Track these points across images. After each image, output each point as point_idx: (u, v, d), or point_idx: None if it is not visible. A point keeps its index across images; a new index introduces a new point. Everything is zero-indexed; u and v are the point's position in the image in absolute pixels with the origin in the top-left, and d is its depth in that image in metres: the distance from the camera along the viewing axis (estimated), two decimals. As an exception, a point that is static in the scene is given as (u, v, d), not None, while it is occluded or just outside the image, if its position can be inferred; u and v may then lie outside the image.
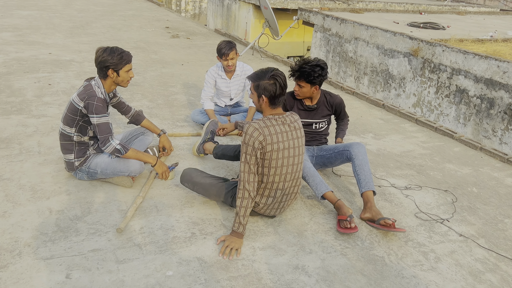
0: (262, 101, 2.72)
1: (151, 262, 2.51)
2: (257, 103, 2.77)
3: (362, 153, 3.27)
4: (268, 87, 2.67)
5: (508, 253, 2.90)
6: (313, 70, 3.26)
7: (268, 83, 2.67)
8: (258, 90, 2.70)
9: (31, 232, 2.69)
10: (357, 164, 3.23)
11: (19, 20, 9.72)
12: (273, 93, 2.68)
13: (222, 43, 4.21)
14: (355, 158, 3.25)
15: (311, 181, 3.15)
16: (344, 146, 3.39)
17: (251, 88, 2.77)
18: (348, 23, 8.16)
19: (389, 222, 2.88)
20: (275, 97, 2.69)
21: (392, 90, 7.37)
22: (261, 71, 2.74)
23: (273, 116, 2.73)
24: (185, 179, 3.08)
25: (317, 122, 3.56)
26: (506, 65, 5.52)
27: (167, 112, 4.93)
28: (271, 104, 2.72)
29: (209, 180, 3.04)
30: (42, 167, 3.47)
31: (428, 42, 6.61)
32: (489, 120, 5.81)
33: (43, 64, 6.44)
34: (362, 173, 3.18)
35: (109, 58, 3.01)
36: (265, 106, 2.74)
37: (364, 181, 3.15)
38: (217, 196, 3.02)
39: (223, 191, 2.99)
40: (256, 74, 2.74)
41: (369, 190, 3.11)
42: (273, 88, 2.67)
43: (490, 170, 4.14)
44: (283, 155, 2.71)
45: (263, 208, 2.89)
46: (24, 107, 4.70)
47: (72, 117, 3.07)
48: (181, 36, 9.52)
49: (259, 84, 2.69)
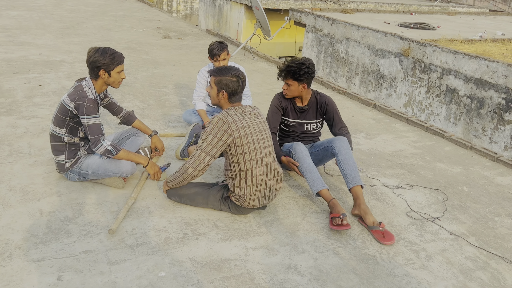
0: (221, 96, 2.86)
1: (144, 263, 2.50)
2: (215, 97, 2.90)
3: (345, 147, 3.26)
4: (230, 83, 2.83)
5: (498, 251, 2.93)
6: (299, 68, 3.30)
7: (230, 80, 2.83)
8: (220, 85, 2.84)
9: (21, 234, 2.67)
10: (341, 160, 3.23)
11: (9, 21, 9.63)
12: (234, 90, 2.84)
13: (213, 44, 4.21)
14: (339, 153, 3.25)
15: (308, 176, 3.16)
16: (327, 141, 3.38)
17: (211, 82, 2.88)
18: (339, 24, 8.20)
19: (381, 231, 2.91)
20: (234, 94, 2.86)
21: (383, 90, 7.41)
22: (224, 67, 2.90)
23: (233, 107, 2.86)
24: (171, 193, 3.11)
25: (309, 123, 3.57)
26: (496, 65, 5.57)
27: (159, 112, 4.91)
28: (229, 99, 2.87)
29: (194, 189, 3.05)
30: (32, 168, 3.44)
31: (418, 42, 6.65)
32: (479, 119, 5.86)
33: (33, 65, 6.39)
34: (348, 168, 3.19)
35: (101, 59, 2.99)
36: (224, 101, 2.88)
37: (351, 176, 3.15)
38: (204, 203, 3.04)
39: (210, 197, 3.01)
40: (219, 70, 2.88)
41: (356, 185, 3.12)
42: (235, 85, 2.84)
43: (480, 169, 4.18)
44: (253, 139, 2.81)
45: (251, 200, 2.90)
46: (14, 108, 4.66)
47: (63, 118, 3.04)
48: (173, 36, 9.49)
49: (221, 79, 2.83)
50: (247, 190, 2.87)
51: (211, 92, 2.90)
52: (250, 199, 2.91)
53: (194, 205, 3.07)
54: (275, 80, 6.66)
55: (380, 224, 2.96)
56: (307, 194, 3.41)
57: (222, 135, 2.72)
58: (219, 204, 3.00)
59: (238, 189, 2.88)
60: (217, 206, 3.02)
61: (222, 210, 3.03)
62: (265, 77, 6.84)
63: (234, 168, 2.84)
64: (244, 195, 2.88)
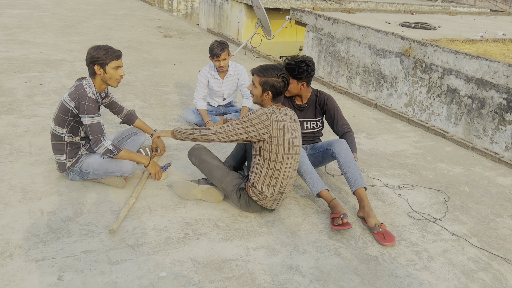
0: (266, 96, 2.84)
1: (144, 263, 2.49)
2: (259, 96, 2.86)
3: (344, 149, 3.24)
4: (276, 84, 2.81)
5: (500, 251, 2.92)
6: (298, 66, 3.28)
7: (277, 81, 2.80)
8: (265, 85, 2.81)
9: (22, 233, 2.66)
10: (342, 162, 3.22)
11: (9, 19, 9.62)
12: (279, 91, 2.84)
13: (214, 44, 4.19)
14: (339, 156, 3.24)
15: (308, 178, 3.15)
16: (327, 144, 3.37)
17: (256, 82, 2.84)
18: (340, 23, 8.18)
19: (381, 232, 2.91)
20: (279, 94, 2.85)
21: (384, 90, 7.40)
22: (270, 67, 2.85)
23: (276, 106, 2.86)
24: (193, 154, 3.10)
25: (308, 121, 3.54)
26: (497, 65, 5.56)
27: (160, 112, 4.90)
28: (274, 99, 2.87)
29: (216, 162, 3.05)
30: (33, 167, 3.43)
31: (419, 42, 6.64)
32: (480, 119, 5.85)
33: (34, 64, 6.38)
34: (349, 171, 3.17)
35: (95, 54, 2.99)
36: (268, 101, 2.87)
37: (353, 179, 3.14)
38: (219, 181, 3.00)
39: (227, 178, 2.99)
40: (264, 69, 2.83)
41: (359, 187, 3.11)
42: (281, 86, 2.82)
43: (481, 170, 4.18)
44: (289, 143, 2.81)
45: (269, 199, 2.90)
46: (14, 107, 4.65)
47: (63, 117, 3.03)
48: (173, 35, 9.48)
49: (267, 80, 2.80)
50: (269, 189, 2.87)
51: (254, 91, 2.87)
52: (269, 199, 2.91)
53: (208, 176, 3.05)
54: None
55: (381, 225, 2.95)
56: (308, 194, 3.40)
57: (260, 128, 2.74)
58: (232, 189, 2.97)
59: (261, 186, 2.86)
60: (229, 190, 2.98)
61: (230, 197, 3.01)
62: (266, 76, 6.82)
63: (264, 164, 2.83)
64: (266, 194, 2.87)
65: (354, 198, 3.38)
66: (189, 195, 3.10)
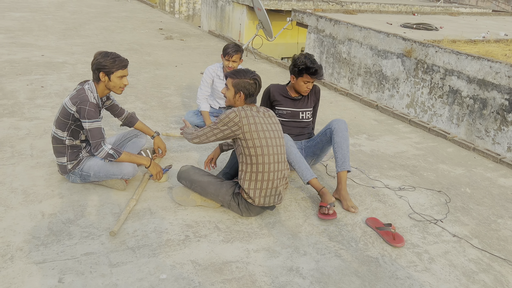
0: (238, 97, 2.96)
1: (145, 266, 2.50)
2: (232, 98, 3.00)
3: (343, 129, 3.33)
4: (248, 86, 2.94)
5: (502, 253, 2.91)
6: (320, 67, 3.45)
7: (248, 83, 2.94)
8: (237, 87, 2.94)
9: (23, 236, 2.67)
10: (336, 141, 3.31)
11: (11, 22, 9.66)
12: (251, 92, 2.96)
13: (230, 44, 4.34)
14: (335, 135, 3.33)
15: (297, 167, 3.24)
16: (326, 126, 3.47)
17: (229, 84, 2.98)
18: (341, 24, 8.18)
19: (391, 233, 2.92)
20: (251, 95, 2.97)
21: (385, 91, 7.39)
22: (242, 70, 2.99)
23: (248, 106, 2.98)
24: (182, 177, 3.10)
25: (304, 111, 3.66)
26: (499, 66, 5.55)
27: (161, 114, 4.91)
28: (245, 100, 2.98)
29: (207, 178, 3.05)
30: (34, 170, 3.44)
31: (421, 43, 6.63)
32: (482, 120, 5.84)
33: (36, 66, 6.40)
34: (340, 151, 3.28)
35: (102, 61, 3.00)
36: (240, 102, 2.99)
37: (341, 160, 3.26)
38: (215, 195, 3.01)
39: (222, 190, 2.99)
40: (237, 72, 2.98)
41: (344, 170, 3.23)
42: (252, 87, 2.95)
43: (483, 171, 4.16)
44: (264, 136, 2.88)
45: (261, 197, 2.91)
46: (16, 110, 4.67)
47: (65, 121, 3.04)
48: (175, 37, 9.50)
49: (239, 81, 2.93)
50: (257, 184, 2.89)
51: (227, 93, 3.01)
52: (261, 197, 2.91)
53: (203, 194, 3.05)
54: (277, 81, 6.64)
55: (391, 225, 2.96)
56: (309, 196, 3.40)
57: (232, 125, 2.85)
58: (230, 198, 2.98)
59: (248, 183, 2.89)
60: (227, 200, 2.99)
61: (230, 207, 3.01)
62: (267, 78, 6.83)
63: (246, 160, 2.89)
64: (254, 190, 2.89)
65: (354, 193, 3.39)
66: (188, 201, 3.10)
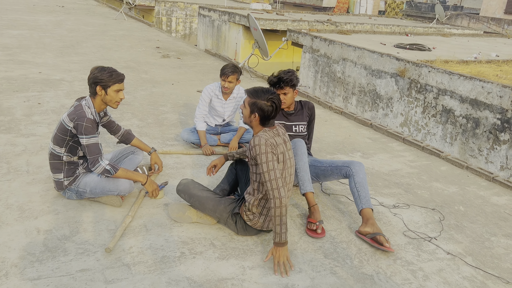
0: (253, 118, 2.82)
1: (140, 282, 2.49)
2: (248, 117, 2.85)
3: (363, 172, 3.35)
4: (264, 107, 2.77)
5: (495, 271, 2.93)
6: (290, 77, 3.51)
7: (265, 104, 2.77)
8: (253, 107, 2.79)
9: (18, 252, 2.66)
10: (357, 181, 3.29)
11: (9, 40, 9.73)
12: (267, 114, 2.79)
13: (228, 64, 4.39)
14: (356, 176, 3.31)
15: (300, 175, 3.28)
16: (343, 162, 3.45)
17: (246, 102, 2.84)
18: (336, 44, 8.31)
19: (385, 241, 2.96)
20: (267, 118, 2.81)
21: (379, 110, 7.47)
22: (261, 89, 2.84)
23: (269, 129, 2.83)
24: (181, 190, 3.10)
25: (297, 124, 3.72)
26: (490, 86, 5.65)
27: (157, 131, 4.94)
28: (261, 122, 2.83)
29: (206, 193, 3.05)
30: (30, 186, 3.45)
31: (414, 63, 6.75)
32: (475, 139, 5.91)
33: (33, 83, 6.44)
34: (363, 190, 3.26)
35: (99, 75, 3.04)
36: (256, 123, 2.84)
37: (365, 198, 3.22)
38: (212, 211, 3.00)
39: (220, 206, 2.99)
40: (255, 91, 2.83)
41: (369, 207, 3.18)
42: (268, 109, 2.78)
43: (476, 189, 4.21)
44: (286, 166, 2.82)
45: (264, 222, 2.90)
46: (12, 126, 4.68)
47: (62, 137, 3.07)
48: (172, 56, 9.59)
49: (256, 102, 2.78)
50: (263, 211, 2.87)
51: (244, 111, 2.87)
52: (260, 221, 2.90)
53: (201, 209, 3.04)
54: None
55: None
56: (304, 214, 3.42)
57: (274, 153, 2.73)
58: (227, 216, 2.96)
59: (255, 208, 2.86)
60: (224, 217, 2.98)
61: (226, 224, 3.01)
62: (263, 96, 6.89)
63: (260, 188, 2.83)
64: (259, 215, 2.87)
65: (349, 217, 3.41)
66: (184, 218, 3.09)
